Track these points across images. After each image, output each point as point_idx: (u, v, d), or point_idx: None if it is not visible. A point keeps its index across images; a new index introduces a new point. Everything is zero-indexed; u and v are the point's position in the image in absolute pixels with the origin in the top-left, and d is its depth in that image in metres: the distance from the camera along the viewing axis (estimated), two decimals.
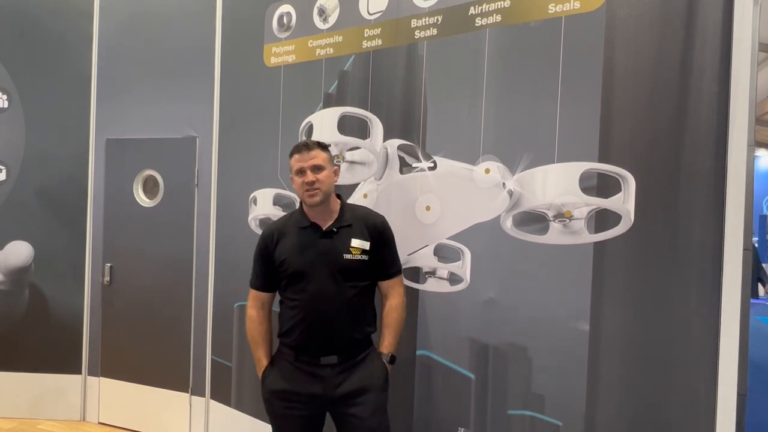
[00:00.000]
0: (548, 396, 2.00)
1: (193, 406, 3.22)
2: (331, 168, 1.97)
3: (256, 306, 2.07)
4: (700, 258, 1.74)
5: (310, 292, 1.91)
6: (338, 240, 1.93)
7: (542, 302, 2.01)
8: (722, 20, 1.71)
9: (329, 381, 1.90)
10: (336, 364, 1.91)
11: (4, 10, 3.46)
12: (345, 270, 1.91)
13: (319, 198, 1.92)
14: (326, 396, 1.90)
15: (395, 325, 2.01)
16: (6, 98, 3.48)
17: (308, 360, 1.92)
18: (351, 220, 1.97)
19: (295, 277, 1.93)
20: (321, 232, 1.94)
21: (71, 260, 3.48)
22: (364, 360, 1.95)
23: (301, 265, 1.92)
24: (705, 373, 1.73)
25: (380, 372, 1.96)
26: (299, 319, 1.92)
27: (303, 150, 1.94)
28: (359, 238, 1.94)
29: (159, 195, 3.33)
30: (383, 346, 1.99)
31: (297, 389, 1.92)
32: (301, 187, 1.93)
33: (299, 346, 1.93)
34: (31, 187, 3.48)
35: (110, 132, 3.44)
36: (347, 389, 1.90)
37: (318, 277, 1.90)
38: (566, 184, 1.94)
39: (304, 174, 1.92)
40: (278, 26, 2.87)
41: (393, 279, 2.03)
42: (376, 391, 1.92)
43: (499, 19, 2.12)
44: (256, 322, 2.05)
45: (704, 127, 1.74)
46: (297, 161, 1.94)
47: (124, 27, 3.41)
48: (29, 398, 3.48)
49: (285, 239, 1.98)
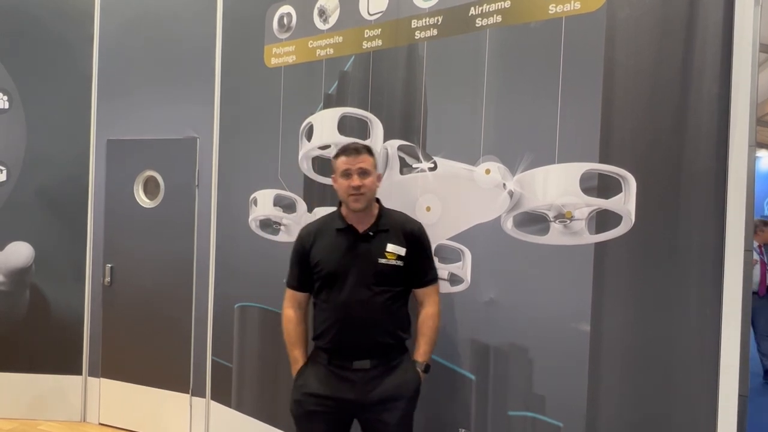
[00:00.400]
0: (549, 397, 2.00)
1: (193, 406, 3.22)
2: (375, 174, 1.96)
3: (293, 306, 2.06)
4: (700, 259, 1.74)
5: (343, 296, 1.90)
6: (374, 244, 1.93)
7: (543, 303, 2.01)
8: (723, 21, 1.70)
9: (361, 386, 1.90)
10: (368, 368, 1.90)
11: (5, 10, 3.46)
12: (379, 275, 1.90)
13: (363, 204, 1.91)
14: (358, 402, 1.90)
15: (430, 333, 1.98)
16: (7, 99, 3.48)
17: (341, 364, 1.91)
18: (388, 225, 1.96)
19: (329, 279, 1.93)
20: (357, 236, 1.94)
21: (72, 261, 3.48)
22: (397, 367, 1.94)
23: (336, 267, 1.92)
24: (706, 374, 1.73)
25: (413, 381, 1.95)
26: (332, 322, 1.92)
27: (352, 153, 1.92)
28: (395, 243, 1.93)
29: (160, 196, 3.33)
30: (417, 355, 1.98)
31: (330, 393, 1.91)
32: (345, 190, 1.91)
33: (332, 350, 1.93)
34: (32, 188, 3.48)
35: (111, 133, 3.44)
36: (379, 396, 1.90)
37: (352, 281, 1.90)
38: (567, 185, 1.94)
39: (351, 177, 1.90)
40: (279, 27, 2.87)
41: (429, 287, 2.01)
42: (406, 400, 1.92)
43: (500, 20, 2.12)
44: (293, 322, 2.04)
45: (705, 127, 1.73)
46: (344, 163, 1.92)
47: (125, 28, 3.41)
48: (29, 399, 3.48)
49: (321, 240, 1.97)
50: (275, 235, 2.87)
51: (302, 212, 2.75)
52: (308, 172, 2.72)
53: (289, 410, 2.01)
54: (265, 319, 2.90)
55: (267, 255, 2.88)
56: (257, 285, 2.93)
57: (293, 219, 2.78)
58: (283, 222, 2.83)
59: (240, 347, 3.03)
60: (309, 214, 2.72)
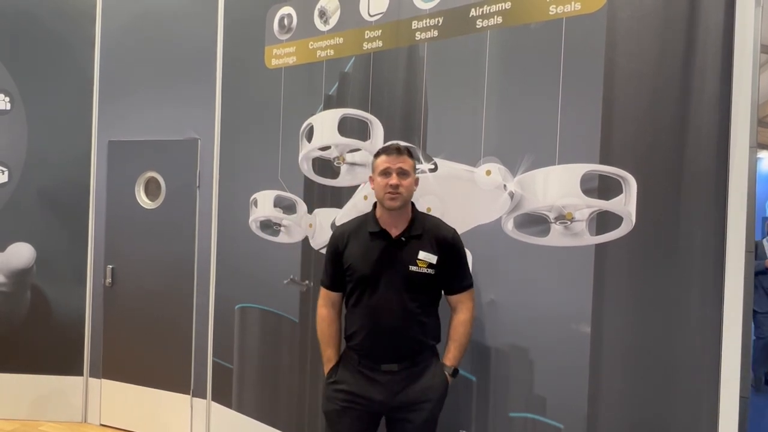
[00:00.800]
0: (550, 398, 2.00)
1: (194, 407, 3.22)
2: (414, 176, 1.96)
3: (327, 305, 2.07)
4: (701, 260, 1.74)
5: (373, 300, 1.92)
6: (406, 250, 1.93)
7: (543, 304, 2.01)
8: (724, 22, 1.70)
9: (389, 388, 1.91)
10: (396, 371, 1.92)
11: (6, 12, 3.47)
12: (410, 282, 1.91)
13: (399, 203, 1.91)
14: (385, 403, 1.92)
15: (462, 339, 1.98)
16: (8, 100, 3.49)
17: (370, 365, 1.94)
18: (421, 230, 1.96)
19: (360, 282, 1.94)
20: (390, 240, 1.94)
21: (73, 262, 3.48)
22: (426, 370, 1.95)
23: (367, 271, 1.92)
24: (707, 376, 1.73)
25: (441, 385, 1.95)
26: (361, 326, 1.94)
27: (393, 152, 1.93)
28: (427, 250, 1.93)
29: (161, 197, 3.33)
30: (447, 359, 1.98)
31: (359, 391, 1.94)
32: (383, 188, 1.91)
33: (361, 351, 1.95)
34: (33, 189, 3.48)
35: (112, 134, 3.45)
36: (407, 398, 1.91)
37: (382, 286, 1.91)
38: (567, 186, 1.94)
39: (390, 176, 1.90)
40: (279, 28, 2.87)
41: (463, 293, 2.00)
42: (433, 402, 1.93)
43: (500, 21, 2.12)
44: (326, 321, 2.06)
45: (706, 128, 1.73)
46: (384, 162, 1.92)
47: (126, 29, 3.42)
48: (31, 400, 3.49)
49: (354, 243, 1.98)
50: (275, 236, 2.87)
51: (302, 213, 2.75)
52: (308, 173, 2.72)
53: (320, 406, 2.04)
54: (266, 320, 2.90)
55: (267, 256, 2.88)
56: (258, 286, 2.94)
57: (293, 220, 2.79)
58: (284, 223, 2.83)
59: (240, 348, 3.03)
60: (309, 215, 2.72)
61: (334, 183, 2.62)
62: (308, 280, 2.73)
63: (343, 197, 2.59)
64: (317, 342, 2.09)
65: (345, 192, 2.58)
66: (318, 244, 2.69)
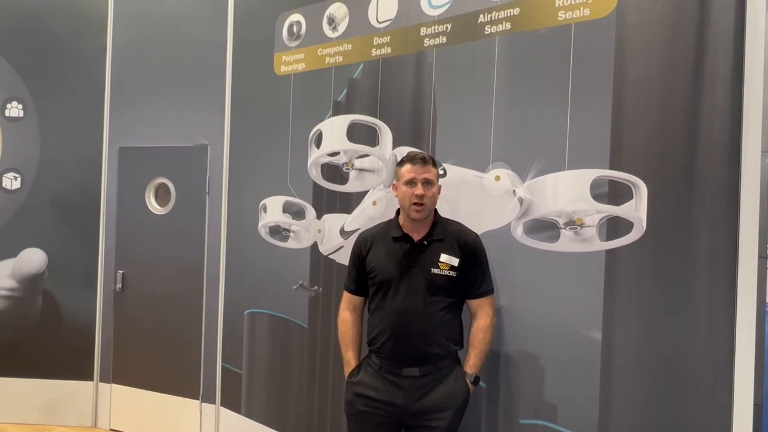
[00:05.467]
0: (560, 405, 1.98)
1: (203, 413, 3.23)
2: (437, 185, 1.98)
3: (349, 308, 2.10)
4: (713, 266, 1.72)
5: (395, 303, 1.93)
6: (428, 254, 1.94)
7: (554, 310, 2.00)
8: (734, 26, 1.69)
9: (410, 393, 1.91)
10: (418, 376, 1.92)
11: (19, 21, 3.52)
12: (432, 284, 1.92)
13: (424, 215, 1.93)
14: (406, 408, 1.92)
15: (482, 345, 1.97)
16: (21, 108, 3.54)
17: (391, 369, 1.94)
18: (443, 234, 1.97)
19: (383, 286, 1.96)
20: (412, 244, 1.95)
21: (84, 267, 3.51)
22: (447, 377, 1.94)
23: (390, 275, 1.94)
24: (720, 383, 1.71)
25: (462, 392, 1.95)
26: (383, 329, 1.95)
27: (419, 162, 1.93)
28: (449, 253, 1.94)
29: (170, 203, 3.35)
30: (467, 366, 1.98)
31: (380, 397, 1.94)
32: (408, 198, 1.92)
33: (383, 355, 1.96)
34: (45, 195, 3.52)
35: (123, 140, 3.48)
36: (427, 404, 1.91)
37: (404, 289, 1.92)
38: (577, 192, 1.93)
39: (415, 185, 1.91)
40: (288, 35, 2.89)
41: (482, 299, 2.00)
42: (454, 410, 1.92)
43: (509, 27, 2.12)
44: (348, 324, 2.08)
45: (717, 133, 1.72)
46: (410, 171, 1.93)
47: (137, 38, 3.46)
48: (41, 404, 3.51)
49: (377, 247, 2.01)
50: (284, 241, 2.88)
51: (311, 219, 2.76)
52: (317, 179, 2.73)
53: (343, 409, 2.06)
54: (275, 325, 2.91)
55: (276, 261, 2.89)
56: (267, 292, 2.94)
57: (302, 225, 2.79)
58: (292, 228, 2.84)
59: (250, 354, 3.03)
60: (318, 221, 2.72)
61: (343, 189, 2.62)
62: (317, 286, 2.73)
63: (352, 203, 2.59)
64: (326, 347, 2.10)
65: (354, 197, 2.59)
66: (327, 249, 2.69)
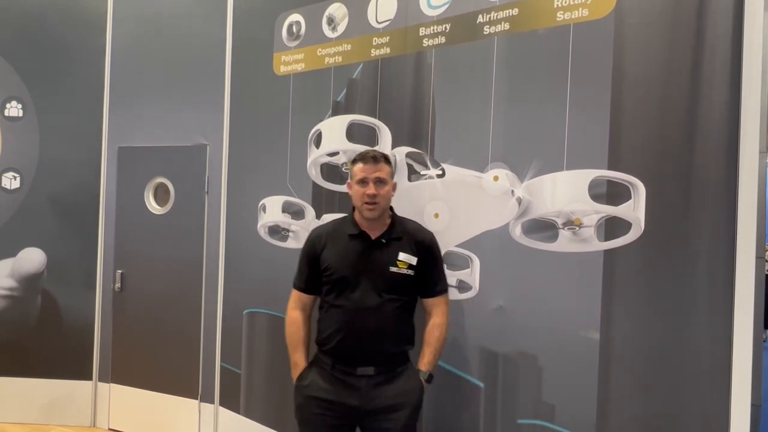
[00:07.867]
0: (558, 405, 1.99)
1: (202, 412, 3.23)
2: (391, 183, 1.97)
3: (298, 307, 2.07)
4: (711, 266, 1.73)
5: (352, 301, 1.91)
6: (386, 252, 1.94)
7: (552, 310, 2.00)
8: (732, 27, 1.70)
9: (365, 393, 1.90)
10: (372, 375, 1.91)
11: (18, 21, 3.52)
12: (389, 282, 1.91)
13: (377, 213, 1.93)
14: (361, 408, 1.90)
15: (437, 343, 1.98)
16: (21, 107, 3.53)
17: (344, 369, 1.92)
18: (401, 233, 1.97)
19: (339, 284, 1.94)
20: (370, 242, 1.95)
21: (83, 267, 3.51)
22: (401, 375, 1.94)
23: (347, 273, 1.93)
24: (718, 383, 1.71)
25: (416, 390, 1.94)
26: (339, 327, 1.93)
27: (370, 161, 1.93)
28: (407, 252, 1.94)
29: (170, 202, 3.35)
30: (422, 364, 1.97)
31: (333, 398, 1.92)
32: (360, 197, 1.92)
33: (336, 354, 1.94)
34: (45, 195, 3.52)
35: (122, 140, 3.48)
36: (382, 403, 1.90)
37: (361, 287, 1.91)
38: (575, 192, 1.94)
39: (367, 185, 1.91)
40: (288, 35, 2.89)
41: (438, 297, 2.01)
42: (409, 409, 1.92)
43: (507, 27, 2.13)
44: (297, 324, 2.06)
45: (715, 134, 1.72)
46: (362, 170, 1.93)
47: (136, 37, 3.45)
48: (40, 404, 3.51)
49: (333, 244, 1.98)
50: (284, 241, 2.88)
51: (311, 219, 2.76)
52: (317, 179, 2.73)
53: (293, 413, 2.02)
54: (274, 325, 2.91)
55: (275, 261, 2.89)
56: (266, 291, 2.94)
57: (302, 225, 2.80)
58: (292, 228, 2.84)
59: (248, 353, 3.03)
60: (317, 221, 2.73)
61: (342, 189, 2.63)
62: None
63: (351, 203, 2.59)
64: None
65: None
66: None
